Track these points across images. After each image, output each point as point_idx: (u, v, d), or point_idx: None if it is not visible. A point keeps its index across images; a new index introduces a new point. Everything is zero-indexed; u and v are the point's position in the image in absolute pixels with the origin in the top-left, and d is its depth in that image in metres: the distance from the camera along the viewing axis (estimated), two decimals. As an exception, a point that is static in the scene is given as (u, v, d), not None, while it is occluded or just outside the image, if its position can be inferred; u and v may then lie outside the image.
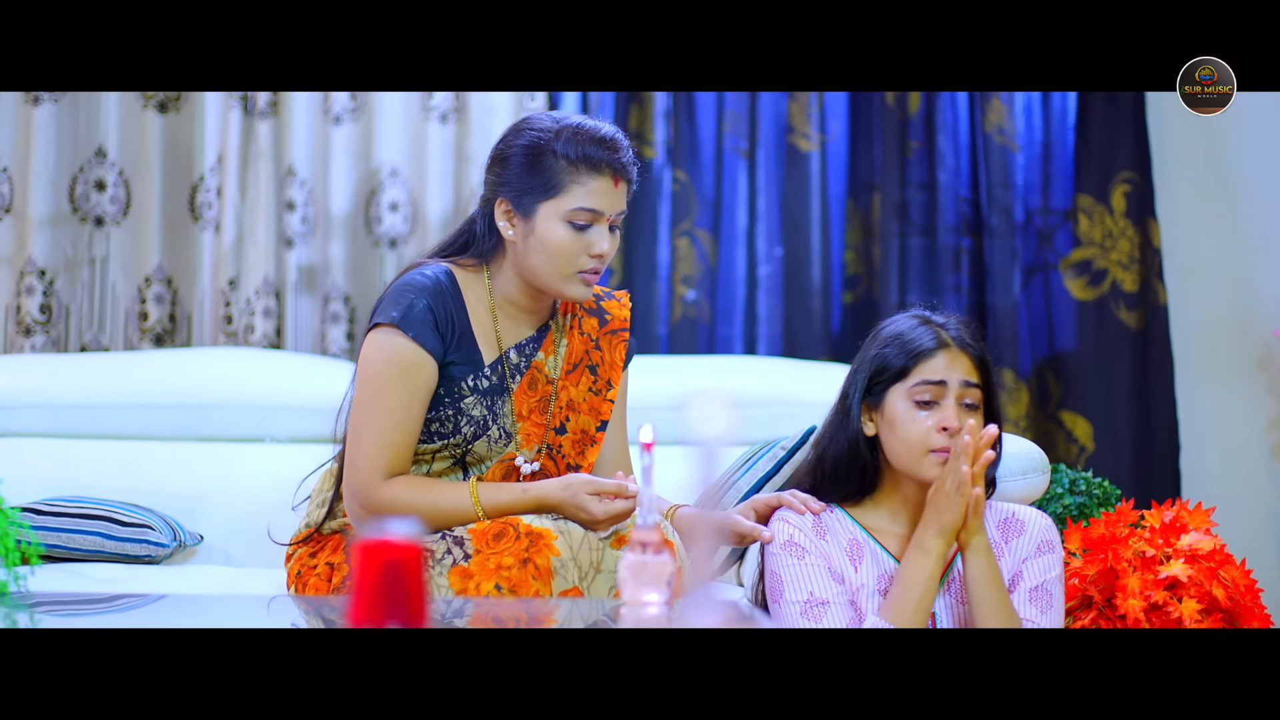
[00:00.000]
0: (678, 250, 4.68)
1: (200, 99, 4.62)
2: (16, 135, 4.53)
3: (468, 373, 2.80)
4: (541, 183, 2.75)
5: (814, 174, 4.66)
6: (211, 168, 4.61)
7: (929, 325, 2.83)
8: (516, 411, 2.83)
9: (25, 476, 3.73)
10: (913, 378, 2.78)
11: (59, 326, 4.57)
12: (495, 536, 2.63)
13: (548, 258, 2.76)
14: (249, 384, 3.94)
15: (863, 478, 2.86)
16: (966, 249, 4.64)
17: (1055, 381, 4.60)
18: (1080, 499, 3.71)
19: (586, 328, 2.94)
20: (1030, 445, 3.46)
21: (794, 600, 2.78)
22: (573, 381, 2.90)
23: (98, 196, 4.61)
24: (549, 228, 2.75)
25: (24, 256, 4.52)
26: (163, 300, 4.65)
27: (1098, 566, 3.18)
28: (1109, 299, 4.55)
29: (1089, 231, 4.57)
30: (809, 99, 4.62)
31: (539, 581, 2.58)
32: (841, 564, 2.83)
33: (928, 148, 4.63)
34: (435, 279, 2.80)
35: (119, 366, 4.12)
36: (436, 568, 2.64)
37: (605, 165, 2.75)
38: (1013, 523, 2.91)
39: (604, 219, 2.77)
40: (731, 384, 3.83)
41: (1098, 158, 4.57)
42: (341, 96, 4.65)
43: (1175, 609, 3.07)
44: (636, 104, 4.71)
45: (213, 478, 3.75)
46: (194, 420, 3.92)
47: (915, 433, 2.77)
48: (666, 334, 4.68)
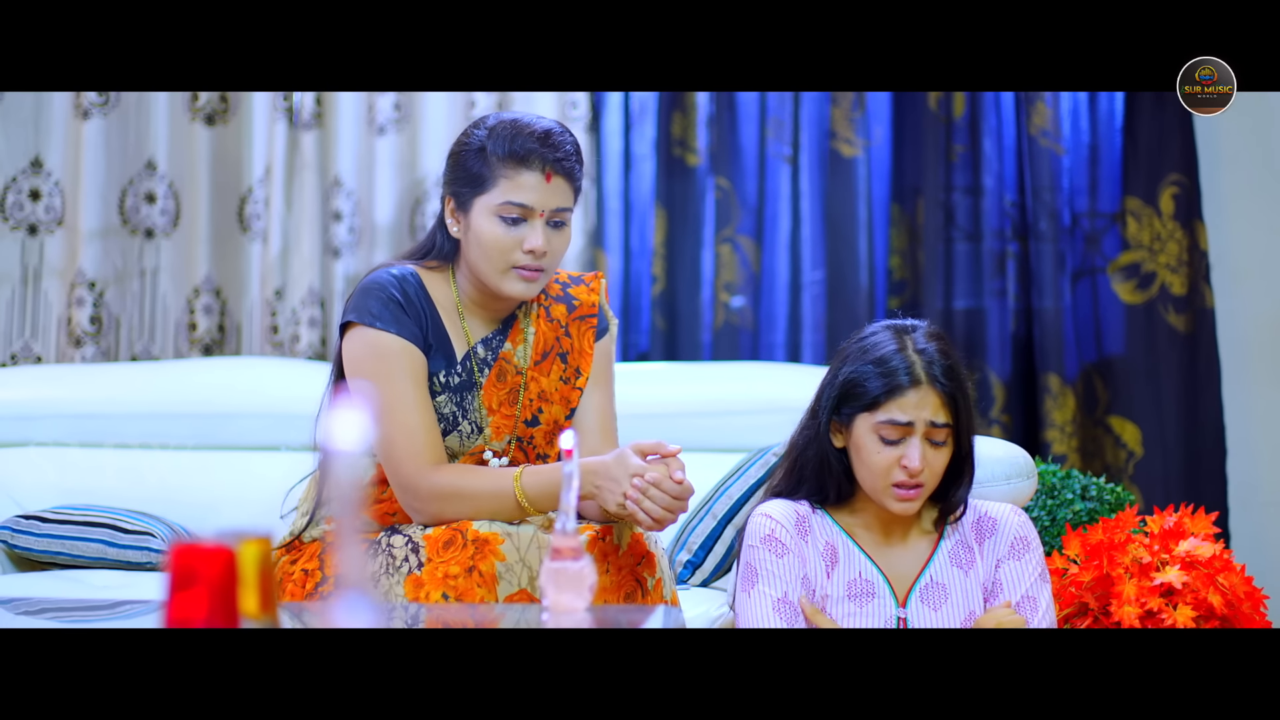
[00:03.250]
0: (720, 257, 4.68)
1: (247, 111, 4.67)
2: (67, 149, 4.59)
3: (439, 368, 2.81)
4: (474, 178, 2.77)
5: (857, 179, 4.64)
6: (259, 179, 4.66)
7: (903, 353, 2.77)
8: (486, 405, 2.83)
9: (43, 485, 3.80)
10: (880, 414, 2.74)
11: (109, 337, 4.62)
12: (445, 544, 2.63)
13: (483, 253, 2.77)
14: (265, 393, 3.97)
15: (839, 487, 2.84)
16: (1013, 253, 4.61)
17: (1103, 386, 4.56)
18: (1092, 505, 3.67)
19: (555, 314, 2.94)
20: (1014, 449, 3.42)
21: (768, 593, 2.76)
22: (543, 371, 2.90)
23: (148, 209, 4.66)
24: (481, 223, 2.76)
25: (74, 269, 4.57)
26: (211, 311, 4.69)
27: (1093, 573, 3.14)
28: (1157, 302, 4.51)
29: (1137, 234, 4.53)
30: (851, 104, 4.61)
31: (484, 589, 2.57)
32: (815, 568, 2.81)
33: (972, 151, 4.60)
34: (401, 276, 2.82)
35: (138, 377, 4.17)
36: (395, 575, 2.65)
37: (535, 159, 2.75)
38: (985, 522, 2.87)
39: (536, 214, 2.76)
40: (767, 391, 3.81)
41: (1146, 160, 4.52)
42: (385, 107, 4.68)
43: (1169, 615, 3.03)
44: (679, 111, 4.71)
45: (226, 486, 3.79)
46: (210, 429, 3.96)
47: (878, 465, 2.74)
48: (710, 341, 4.68)
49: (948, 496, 2.84)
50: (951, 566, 2.83)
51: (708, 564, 3.45)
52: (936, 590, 2.81)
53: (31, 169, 4.58)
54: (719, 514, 3.46)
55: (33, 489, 3.79)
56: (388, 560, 2.67)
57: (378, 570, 2.67)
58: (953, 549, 2.84)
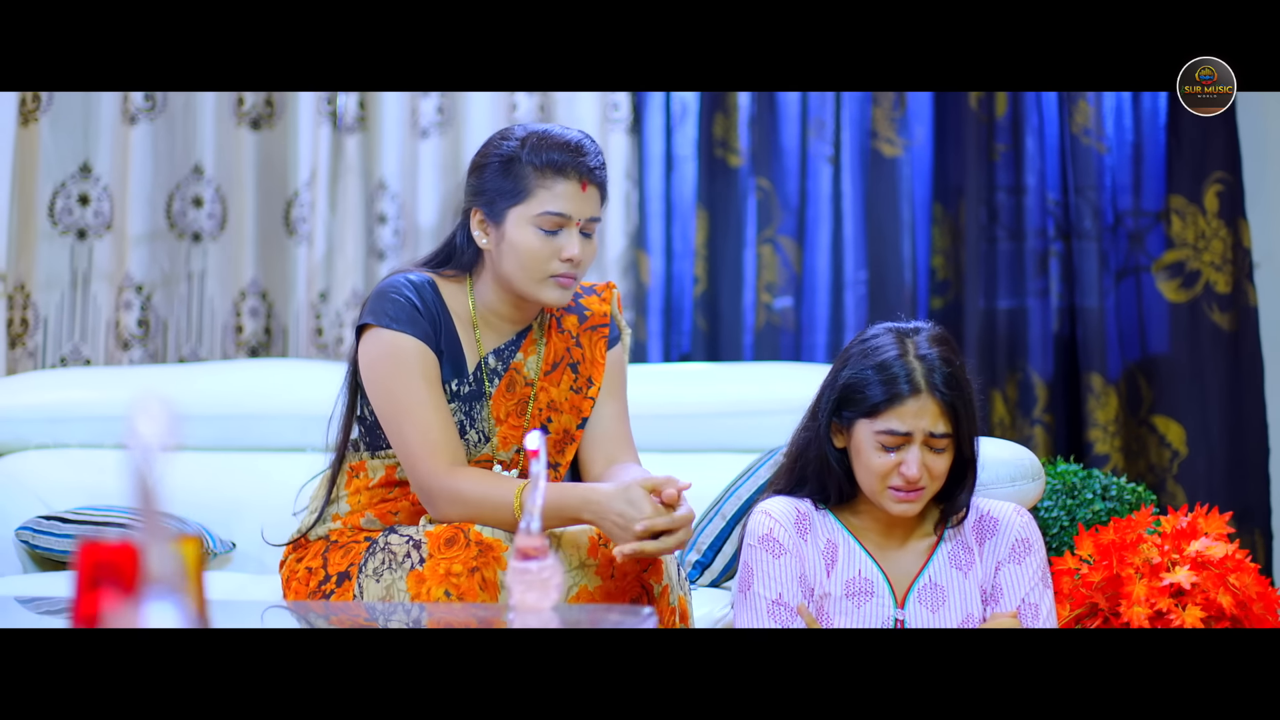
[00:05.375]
0: (761, 258, 4.69)
1: (292, 115, 4.71)
2: (115, 154, 4.63)
3: (449, 377, 2.83)
4: (510, 189, 2.78)
5: (899, 179, 4.64)
6: (305, 182, 4.70)
7: (904, 359, 2.73)
8: (494, 415, 2.85)
9: (71, 486, 3.84)
10: (879, 422, 2.71)
11: (157, 340, 4.67)
12: (447, 542, 2.65)
13: (519, 263, 2.78)
14: (293, 396, 3.98)
15: (840, 488, 2.82)
16: (1056, 252, 4.59)
17: (1147, 385, 4.54)
18: (1112, 505, 3.65)
19: (567, 325, 2.96)
20: (1021, 451, 3.40)
21: (763, 595, 2.75)
22: (553, 381, 2.91)
23: (195, 212, 4.70)
24: (518, 233, 2.77)
25: (122, 272, 4.62)
26: (258, 314, 4.74)
27: (1103, 573, 3.11)
28: (1201, 301, 4.48)
29: (1181, 233, 4.50)
30: (892, 104, 4.61)
31: (485, 594, 2.59)
32: (815, 567, 2.80)
33: (1015, 150, 4.59)
34: (418, 284, 2.84)
35: (166, 380, 4.21)
36: (398, 570, 2.67)
37: (571, 169, 2.77)
38: (986, 522, 2.85)
39: (573, 223, 2.78)
40: (784, 391, 3.80)
41: (1190, 157, 4.50)
42: (428, 110, 4.71)
43: (1178, 616, 3.01)
44: (721, 112, 4.73)
45: (250, 487, 3.81)
46: (236, 431, 3.98)
47: (877, 469, 2.72)
48: (752, 342, 4.69)
49: (951, 498, 2.82)
50: (950, 568, 2.80)
51: (716, 564, 3.46)
52: (935, 592, 2.79)
53: (80, 174, 4.62)
54: (728, 515, 3.47)
55: (61, 490, 3.83)
56: (388, 557, 2.69)
57: (380, 567, 2.70)
58: (952, 550, 2.82)
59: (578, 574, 2.72)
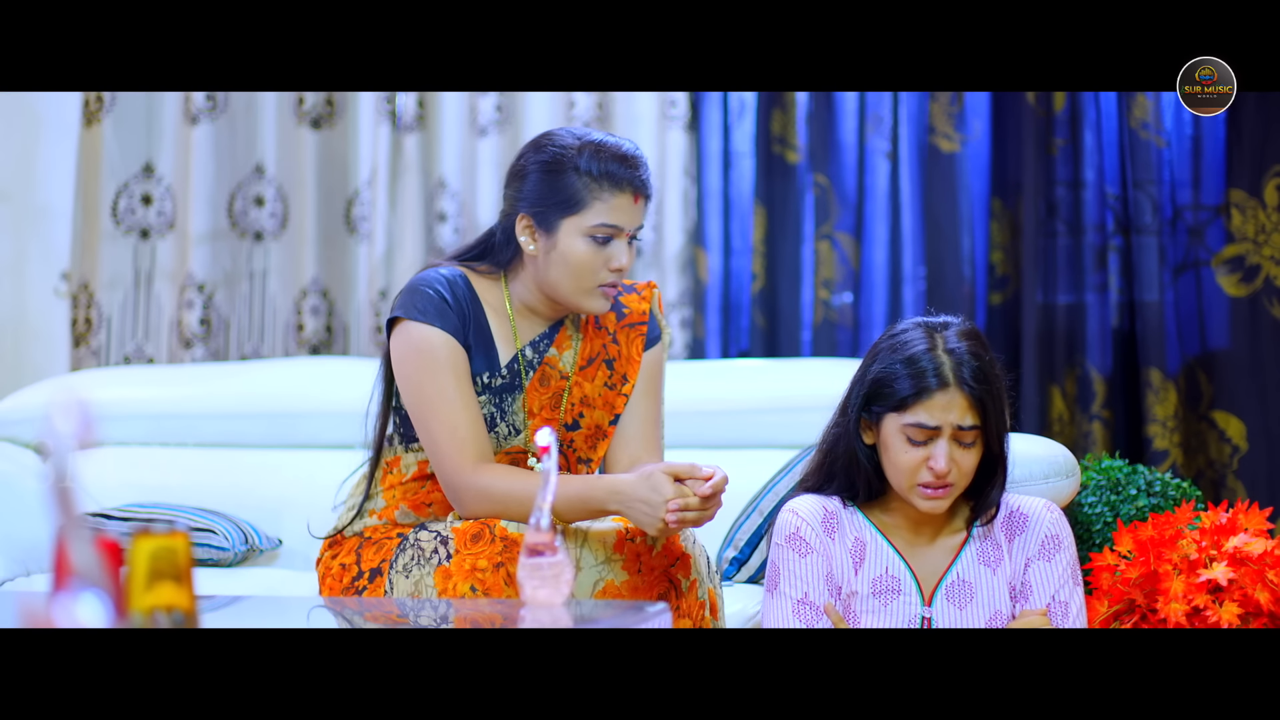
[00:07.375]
0: (819, 254, 4.69)
1: (353, 114, 4.74)
2: (177, 154, 4.68)
3: (480, 370, 2.83)
4: (564, 199, 2.77)
5: (957, 174, 4.64)
6: (366, 181, 4.73)
7: (932, 353, 2.73)
8: (528, 409, 2.86)
9: (120, 483, 3.88)
10: (908, 416, 2.71)
11: (219, 339, 4.71)
12: (473, 538, 2.67)
13: (569, 272, 2.78)
14: (339, 394, 3.98)
15: (869, 484, 2.81)
16: (1115, 247, 4.57)
17: (1206, 381, 4.52)
18: (1156, 500, 3.62)
19: (604, 321, 2.96)
20: (1056, 447, 3.38)
21: (788, 594, 2.75)
22: (587, 377, 2.92)
23: (256, 212, 4.74)
24: (571, 243, 2.77)
25: (185, 271, 4.67)
26: (319, 312, 4.77)
27: (1140, 569, 3.08)
28: (1262, 295, 4.45)
29: (1242, 227, 4.48)
30: (949, 99, 4.60)
31: (510, 589, 2.60)
32: (843, 566, 2.80)
33: (1073, 145, 4.57)
34: (450, 277, 2.85)
35: (217, 378, 4.24)
36: (425, 566, 2.69)
37: (626, 182, 2.77)
38: (1015, 518, 2.83)
39: (624, 234, 2.79)
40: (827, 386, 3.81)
41: (1249, 151, 4.46)
42: (487, 108, 4.74)
43: (1215, 613, 2.98)
44: (779, 108, 4.73)
45: (297, 484, 3.84)
46: (285, 429, 4.01)
47: (905, 464, 2.71)
48: (810, 339, 4.69)
49: (981, 494, 2.81)
50: (979, 565, 2.80)
51: (753, 561, 3.47)
52: (963, 589, 2.78)
53: (143, 174, 4.67)
54: (765, 511, 3.47)
55: (110, 487, 3.86)
56: (417, 553, 2.72)
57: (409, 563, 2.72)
58: (980, 547, 2.81)
59: (604, 568, 2.74)
